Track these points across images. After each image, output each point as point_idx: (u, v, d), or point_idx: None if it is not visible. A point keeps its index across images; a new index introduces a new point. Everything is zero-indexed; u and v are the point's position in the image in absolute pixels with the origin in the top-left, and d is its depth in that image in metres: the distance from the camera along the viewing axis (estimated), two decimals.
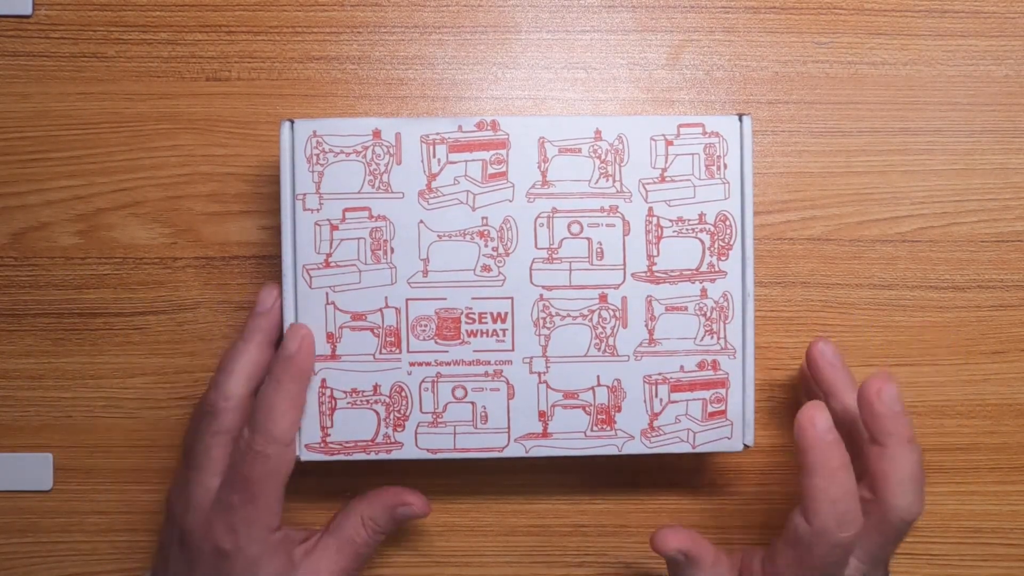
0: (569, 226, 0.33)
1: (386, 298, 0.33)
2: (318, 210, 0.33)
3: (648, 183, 0.33)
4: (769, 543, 0.33)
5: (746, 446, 0.34)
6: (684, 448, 0.34)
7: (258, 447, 0.31)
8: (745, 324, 0.34)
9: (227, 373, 0.32)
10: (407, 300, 0.33)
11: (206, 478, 0.32)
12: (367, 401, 0.33)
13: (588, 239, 0.33)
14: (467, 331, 0.33)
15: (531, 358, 0.33)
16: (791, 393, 0.39)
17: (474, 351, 0.33)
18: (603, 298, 0.33)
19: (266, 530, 0.32)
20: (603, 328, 0.33)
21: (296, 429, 0.32)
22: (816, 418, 0.30)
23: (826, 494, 0.30)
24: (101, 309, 0.38)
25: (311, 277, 0.33)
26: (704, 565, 0.33)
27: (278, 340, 0.33)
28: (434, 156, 0.33)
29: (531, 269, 0.33)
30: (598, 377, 0.33)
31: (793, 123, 0.39)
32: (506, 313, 0.33)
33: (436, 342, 0.33)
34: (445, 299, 0.33)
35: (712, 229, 0.33)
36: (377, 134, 0.33)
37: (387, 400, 0.33)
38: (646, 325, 0.33)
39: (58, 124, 0.38)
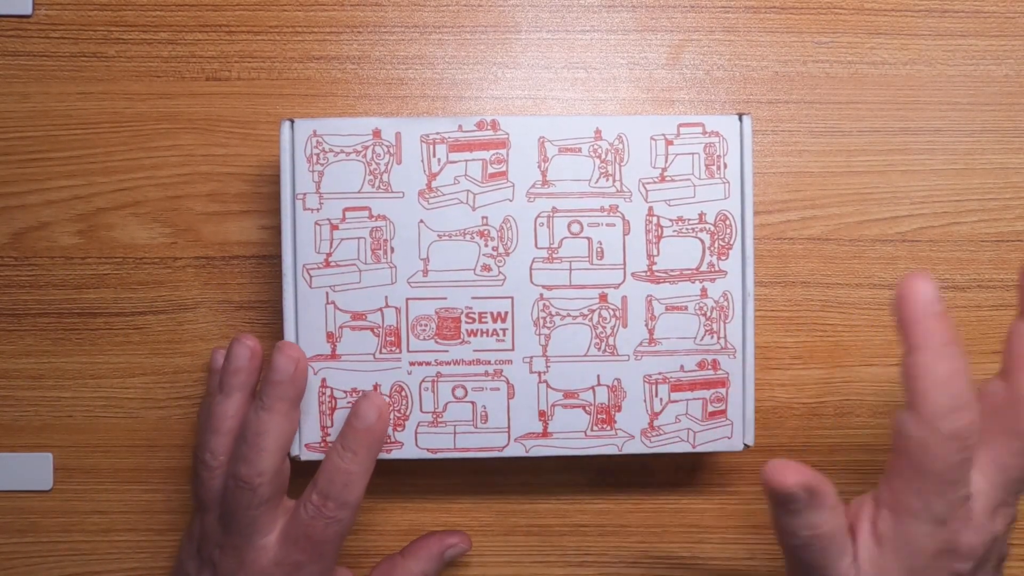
0: (569, 226, 0.33)
1: (386, 298, 0.33)
2: (318, 210, 0.33)
3: (648, 183, 0.33)
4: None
5: (746, 446, 0.34)
6: (684, 448, 0.34)
7: (331, 514, 0.31)
8: (745, 324, 0.34)
9: (259, 450, 0.31)
10: (407, 300, 0.33)
11: (257, 540, 0.32)
12: None
13: (588, 239, 0.33)
14: (467, 331, 0.33)
15: (531, 358, 0.33)
16: (791, 393, 0.39)
17: (474, 351, 0.33)
18: (603, 298, 0.33)
19: (330, 571, 0.33)
20: (603, 328, 0.33)
21: (365, 490, 0.32)
22: (920, 289, 0.26)
23: (933, 373, 0.26)
24: (101, 309, 0.38)
25: (311, 277, 0.33)
26: (828, 503, 0.27)
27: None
28: (434, 156, 0.33)
29: (531, 269, 0.33)
30: (598, 377, 0.33)
31: (793, 123, 0.39)
32: (506, 313, 0.33)
33: (436, 342, 0.33)
34: (445, 299, 0.33)
35: (712, 229, 0.33)
36: (377, 134, 0.33)
37: (387, 400, 0.33)
38: (646, 325, 0.33)
39: (58, 124, 0.38)
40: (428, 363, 0.33)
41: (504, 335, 0.33)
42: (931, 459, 0.26)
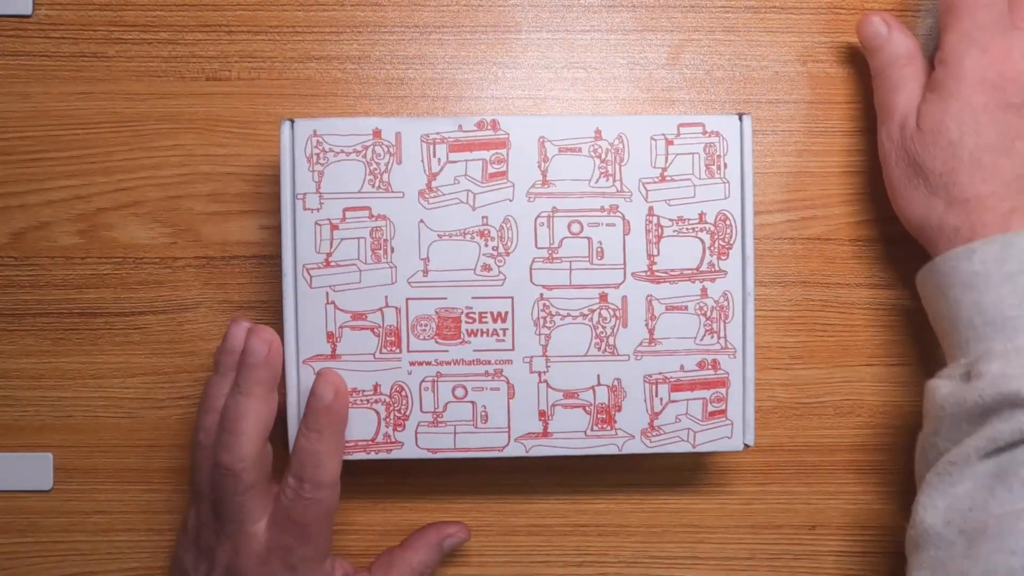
0: (569, 225, 0.33)
1: (386, 297, 0.33)
2: (318, 210, 0.33)
3: (648, 182, 0.33)
4: None
5: (746, 446, 0.34)
6: (684, 448, 0.34)
7: (308, 495, 0.31)
8: (745, 324, 0.34)
9: (237, 435, 0.31)
10: (407, 299, 0.33)
11: (248, 527, 0.32)
12: (367, 401, 0.33)
13: (588, 238, 0.33)
14: (467, 331, 0.33)
15: (531, 357, 0.33)
16: (791, 393, 0.39)
17: (474, 351, 0.33)
18: (603, 297, 0.33)
19: (322, 560, 0.33)
20: (603, 328, 0.33)
21: (340, 469, 0.32)
22: None
23: None
24: (101, 309, 0.38)
25: (311, 277, 0.33)
26: (904, 35, 0.36)
27: (279, 381, 0.33)
28: (434, 155, 0.33)
29: (531, 268, 0.33)
30: (598, 377, 0.33)
31: (793, 123, 0.39)
32: (506, 312, 0.33)
33: (436, 342, 0.33)
34: (445, 299, 0.33)
35: (712, 228, 0.33)
36: (377, 134, 0.33)
37: (387, 400, 0.33)
38: (646, 325, 0.33)
39: (58, 124, 0.38)
40: (428, 363, 0.33)
41: (504, 335, 0.33)
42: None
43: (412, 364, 0.33)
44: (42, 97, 0.38)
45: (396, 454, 0.33)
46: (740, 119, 0.33)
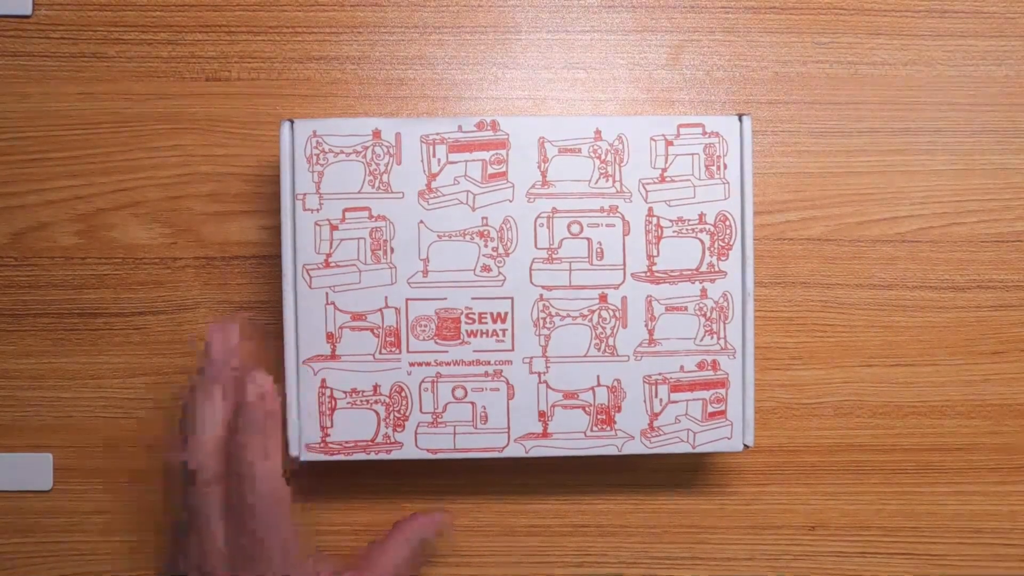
0: (569, 226, 0.33)
1: (386, 298, 0.33)
2: (318, 210, 0.33)
3: (648, 183, 0.33)
4: None
5: (746, 446, 0.34)
6: (684, 448, 0.34)
7: (249, 498, 0.30)
8: (745, 324, 0.34)
9: (193, 427, 0.31)
10: (407, 300, 0.33)
11: (212, 526, 0.31)
12: (367, 401, 0.33)
13: (588, 239, 0.33)
14: (467, 331, 0.33)
15: (531, 358, 0.33)
16: (791, 393, 0.39)
17: (474, 351, 0.33)
18: (603, 298, 0.33)
19: (292, 564, 0.31)
20: (603, 328, 0.33)
21: (279, 465, 0.31)
22: None
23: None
24: (101, 309, 0.38)
25: (311, 277, 0.33)
26: None
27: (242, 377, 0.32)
28: (434, 156, 0.33)
29: (531, 269, 0.33)
30: (598, 377, 0.33)
31: (793, 123, 0.39)
32: (506, 313, 0.33)
33: (436, 342, 0.33)
34: (445, 299, 0.33)
35: (712, 229, 0.33)
36: (377, 134, 0.33)
37: (387, 400, 0.33)
38: (646, 325, 0.33)
39: (58, 124, 0.38)
40: (428, 363, 0.33)
41: (504, 335, 0.33)
42: None
43: (412, 364, 0.33)
44: (42, 97, 0.38)
45: (396, 455, 0.33)
46: (740, 119, 0.33)
